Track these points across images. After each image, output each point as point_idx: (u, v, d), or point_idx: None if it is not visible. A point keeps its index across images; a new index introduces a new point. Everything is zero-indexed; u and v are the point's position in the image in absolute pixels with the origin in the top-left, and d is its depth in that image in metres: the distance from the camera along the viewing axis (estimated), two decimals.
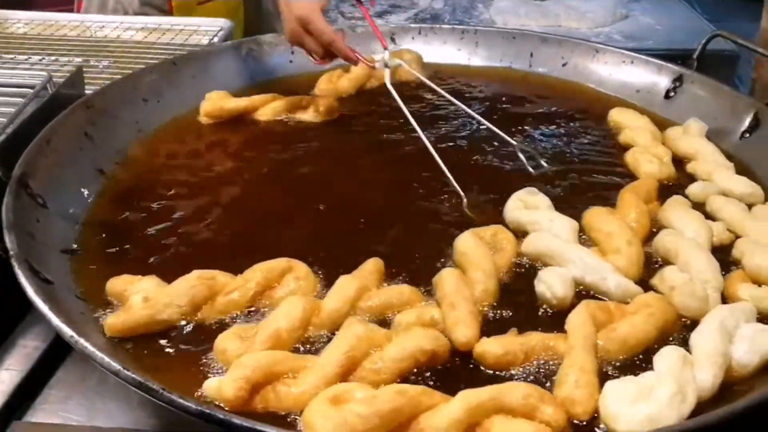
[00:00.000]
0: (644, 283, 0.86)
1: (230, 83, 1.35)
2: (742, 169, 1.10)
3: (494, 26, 1.87)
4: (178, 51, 1.53)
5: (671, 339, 0.79)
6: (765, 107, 1.14)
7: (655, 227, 0.97)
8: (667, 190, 1.06)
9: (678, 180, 1.10)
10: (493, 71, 1.44)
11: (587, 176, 1.11)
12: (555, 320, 0.80)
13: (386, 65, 1.21)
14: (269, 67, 1.42)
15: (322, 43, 1.21)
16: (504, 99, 1.35)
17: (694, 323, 0.80)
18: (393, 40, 1.49)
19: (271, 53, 1.43)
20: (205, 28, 1.65)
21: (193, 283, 0.78)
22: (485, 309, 0.80)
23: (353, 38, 1.47)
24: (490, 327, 0.78)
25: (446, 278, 0.80)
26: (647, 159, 1.11)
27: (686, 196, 1.04)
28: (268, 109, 1.26)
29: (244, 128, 1.24)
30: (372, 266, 0.83)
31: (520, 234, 0.93)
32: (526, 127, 1.25)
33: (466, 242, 0.87)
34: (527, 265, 0.89)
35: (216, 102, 1.25)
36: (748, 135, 1.15)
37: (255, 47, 1.42)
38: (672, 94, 1.30)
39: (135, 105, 1.22)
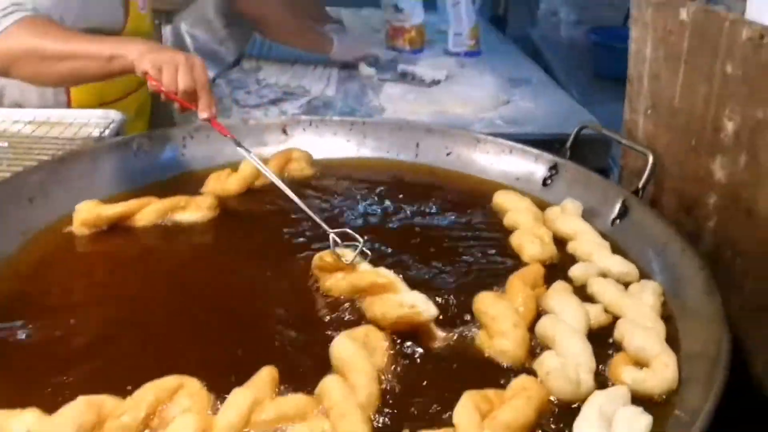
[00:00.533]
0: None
1: (119, 180, 1.34)
2: (616, 249, 1.16)
3: (381, 118, 1.92)
4: (67, 146, 1.51)
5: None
6: (632, 195, 1.22)
7: (541, 311, 1.00)
8: (552, 269, 1.11)
9: (561, 259, 1.15)
10: (381, 162, 1.47)
11: (476, 261, 1.14)
12: (443, 416, 0.81)
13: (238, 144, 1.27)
14: (160, 162, 1.41)
15: (195, 79, 1.28)
16: (389, 189, 1.38)
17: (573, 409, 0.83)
18: (285, 131, 1.52)
19: (163, 148, 1.43)
20: (96, 121, 1.62)
21: (80, 410, 0.74)
22: (372, 414, 0.80)
23: (246, 130, 1.50)
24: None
25: (330, 387, 0.79)
26: (530, 241, 1.17)
27: (570, 278, 1.09)
28: (147, 213, 1.22)
29: (123, 235, 1.19)
30: (266, 375, 0.82)
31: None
32: (409, 215, 1.29)
33: (342, 347, 0.87)
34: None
35: (92, 210, 1.19)
36: (618, 221, 1.22)
37: (146, 142, 1.41)
38: (549, 181, 1.37)
39: (19, 206, 1.18)
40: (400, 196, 1.36)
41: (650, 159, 1.22)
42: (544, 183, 1.37)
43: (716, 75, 1.02)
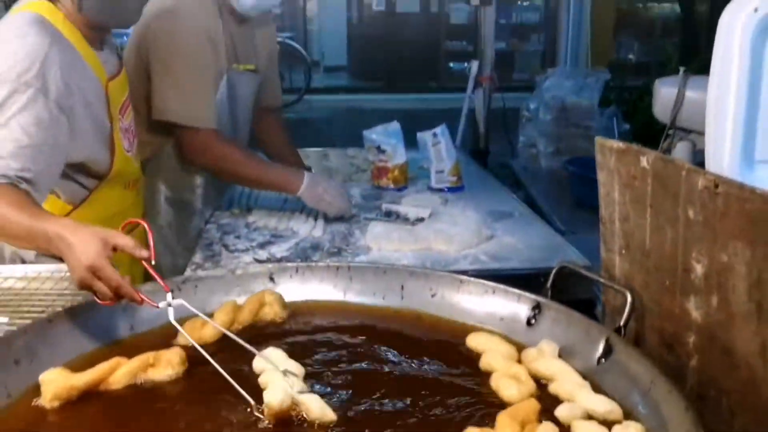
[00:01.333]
0: None
1: (109, 335, 1.35)
2: (600, 389, 1.16)
3: (366, 261, 1.95)
4: (57, 300, 1.53)
5: None
6: (614, 334, 1.23)
7: None
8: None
9: (545, 400, 1.14)
10: (367, 308, 1.49)
11: (458, 404, 1.14)
12: None
13: (169, 304, 1.31)
14: (148, 315, 1.41)
15: (111, 288, 1.29)
16: (374, 335, 1.39)
17: None
18: (272, 279, 1.54)
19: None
20: None
21: None
22: None
23: (233, 280, 1.52)
24: None
25: None
26: (506, 384, 1.18)
27: (556, 418, 1.09)
28: (118, 377, 1.20)
29: (99, 401, 1.17)
30: None
31: None
32: (394, 359, 1.29)
33: None
34: None
35: (62, 382, 1.16)
36: (603, 360, 1.22)
37: None
38: (533, 321, 1.38)
39: (6, 368, 1.18)
40: (376, 343, 1.35)
41: (628, 298, 1.24)
42: (528, 323, 1.38)
43: (680, 219, 1.05)
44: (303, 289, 1.53)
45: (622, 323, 1.24)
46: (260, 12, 2.42)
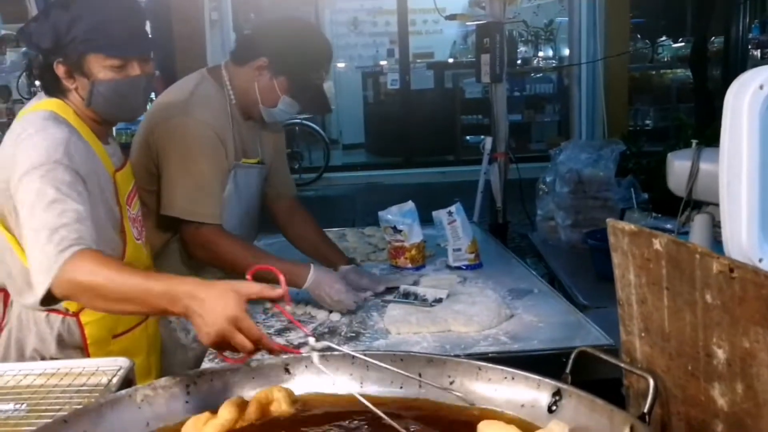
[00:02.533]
0: None
1: None
2: None
3: (384, 348, 1.93)
4: (74, 397, 1.53)
5: None
6: (639, 421, 1.19)
7: None
8: None
9: None
10: (379, 399, 1.44)
11: None
12: None
13: (313, 349, 1.37)
14: (164, 412, 1.40)
15: (252, 339, 1.35)
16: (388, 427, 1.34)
17: None
18: (287, 371, 1.52)
19: (167, 397, 1.42)
20: (104, 369, 1.65)
21: None
22: None
23: (249, 372, 1.50)
24: None
25: None
26: None
27: None
28: None
29: None
30: None
31: None
32: None
33: None
34: None
35: None
36: None
37: (150, 393, 1.41)
38: (554, 408, 1.34)
39: None
40: None
41: (651, 383, 1.20)
42: (550, 410, 1.34)
43: (698, 303, 1.03)
44: (320, 380, 1.50)
45: (646, 410, 1.20)
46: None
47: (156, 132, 2.30)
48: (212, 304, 1.36)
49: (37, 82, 1.88)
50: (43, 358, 1.86)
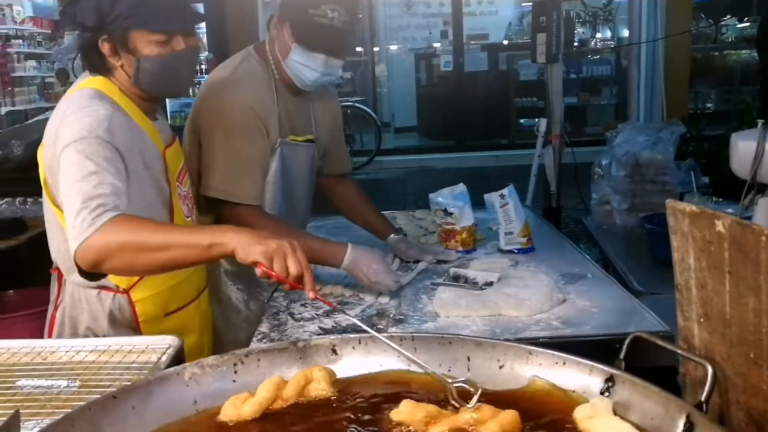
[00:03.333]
0: None
1: (172, 411, 1.34)
2: None
3: (432, 330, 1.91)
4: (124, 374, 1.55)
5: None
6: (696, 410, 1.14)
7: None
8: None
9: None
10: (432, 380, 1.43)
11: None
12: None
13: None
14: (211, 390, 1.40)
15: (300, 268, 1.48)
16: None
17: None
18: (335, 351, 1.51)
19: (215, 375, 1.43)
20: (154, 346, 1.67)
21: None
22: None
23: (295, 352, 1.50)
24: None
25: None
26: None
27: None
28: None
29: None
30: None
31: None
32: None
33: None
34: None
35: None
36: None
37: (198, 371, 1.42)
38: (607, 394, 1.30)
39: None
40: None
41: (709, 370, 1.16)
42: (602, 396, 1.31)
43: (763, 288, 0.98)
44: (367, 361, 1.49)
45: (703, 398, 1.15)
46: (320, 87, 2.45)
47: (199, 112, 2.31)
48: (267, 231, 1.46)
49: (83, 62, 1.90)
50: (96, 336, 1.90)
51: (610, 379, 1.31)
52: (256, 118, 2.29)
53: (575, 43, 10.80)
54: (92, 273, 1.67)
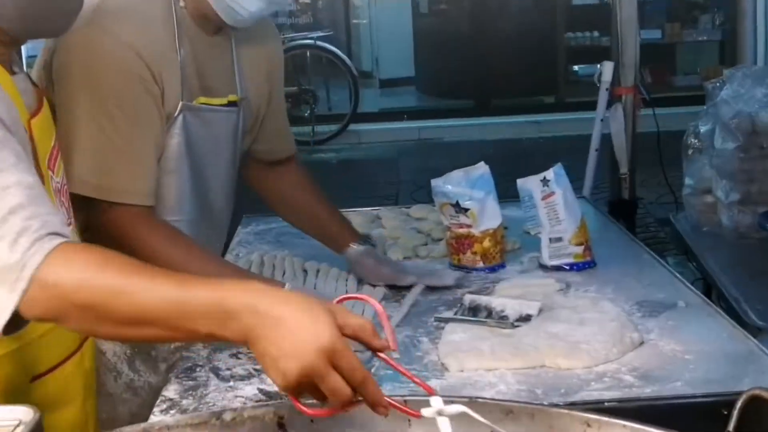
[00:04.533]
0: None
1: None
2: None
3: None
4: None
5: None
6: None
7: None
8: None
9: None
10: None
11: None
12: None
13: (439, 413, 1.36)
14: None
15: (354, 381, 1.31)
16: None
17: None
18: (282, 426, 1.50)
19: None
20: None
21: None
22: None
23: (220, 430, 1.49)
24: None
25: None
26: None
27: None
28: None
29: None
30: None
31: None
32: None
33: None
34: None
35: None
36: None
37: None
38: None
39: None
40: None
41: None
42: None
43: None
44: None
45: None
46: (261, 20, 2.42)
47: (55, 53, 2.26)
48: (295, 325, 1.31)
49: None
50: None
51: None
52: (144, 67, 2.22)
53: None
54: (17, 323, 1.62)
